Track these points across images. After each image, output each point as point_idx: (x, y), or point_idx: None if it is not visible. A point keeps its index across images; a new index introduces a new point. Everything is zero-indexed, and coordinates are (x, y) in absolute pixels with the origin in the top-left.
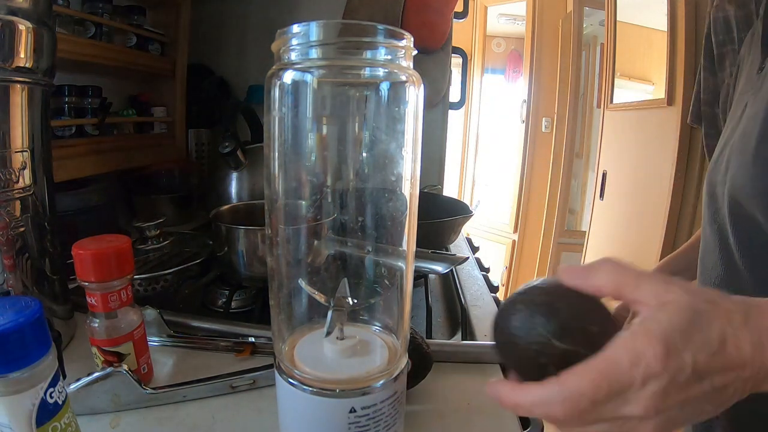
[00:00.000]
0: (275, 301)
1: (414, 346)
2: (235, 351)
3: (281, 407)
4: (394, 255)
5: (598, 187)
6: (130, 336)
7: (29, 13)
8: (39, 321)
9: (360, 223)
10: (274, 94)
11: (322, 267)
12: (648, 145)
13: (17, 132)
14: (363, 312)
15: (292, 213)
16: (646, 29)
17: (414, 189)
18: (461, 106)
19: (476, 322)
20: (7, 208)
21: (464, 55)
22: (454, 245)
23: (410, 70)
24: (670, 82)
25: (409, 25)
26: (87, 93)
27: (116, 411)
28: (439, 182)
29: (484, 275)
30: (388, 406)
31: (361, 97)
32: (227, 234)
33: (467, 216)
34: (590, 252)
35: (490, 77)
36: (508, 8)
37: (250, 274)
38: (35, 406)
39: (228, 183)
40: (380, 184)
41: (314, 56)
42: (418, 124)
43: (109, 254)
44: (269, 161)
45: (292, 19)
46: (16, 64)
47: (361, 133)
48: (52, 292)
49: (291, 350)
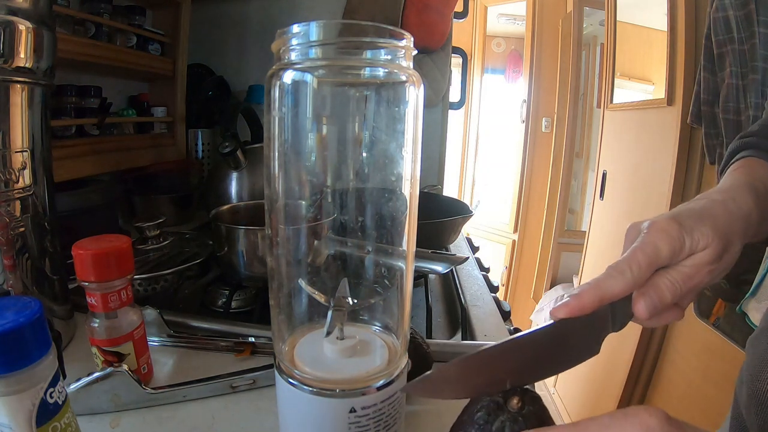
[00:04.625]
0: (275, 301)
1: (414, 346)
2: (235, 351)
3: (281, 407)
4: (394, 255)
5: (598, 187)
6: (130, 336)
7: (29, 13)
8: (39, 321)
9: (360, 223)
10: (274, 94)
11: (322, 267)
12: (648, 145)
13: (17, 132)
14: (363, 312)
15: (292, 213)
16: (646, 29)
17: (414, 189)
18: (461, 106)
19: (476, 322)
20: (7, 208)
21: (464, 55)
22: (454, 245)
23: (410, 70)
24: (670, 82)
25: (409, 25)
26: (87, 93)
27: (116, 411)
28: (439, 182)
29: (484, 275)
30: (388, 406)
31: (361, 97)
32: (227, 234)
33: (467, 216)
34: (590, 252)
35: (490, 77)
36: (508, 8)
37: (250, 274)
38: (35, 406)
39: (228, 183)
40: (380, 184)
41: (314, 56)
42: (418, 124)
43: (109, 254)
44: (269, 161)
45: (292, 19)
46: (16, 64)
47: (361, 133)
48: (52, 292)
49: (291, 350)
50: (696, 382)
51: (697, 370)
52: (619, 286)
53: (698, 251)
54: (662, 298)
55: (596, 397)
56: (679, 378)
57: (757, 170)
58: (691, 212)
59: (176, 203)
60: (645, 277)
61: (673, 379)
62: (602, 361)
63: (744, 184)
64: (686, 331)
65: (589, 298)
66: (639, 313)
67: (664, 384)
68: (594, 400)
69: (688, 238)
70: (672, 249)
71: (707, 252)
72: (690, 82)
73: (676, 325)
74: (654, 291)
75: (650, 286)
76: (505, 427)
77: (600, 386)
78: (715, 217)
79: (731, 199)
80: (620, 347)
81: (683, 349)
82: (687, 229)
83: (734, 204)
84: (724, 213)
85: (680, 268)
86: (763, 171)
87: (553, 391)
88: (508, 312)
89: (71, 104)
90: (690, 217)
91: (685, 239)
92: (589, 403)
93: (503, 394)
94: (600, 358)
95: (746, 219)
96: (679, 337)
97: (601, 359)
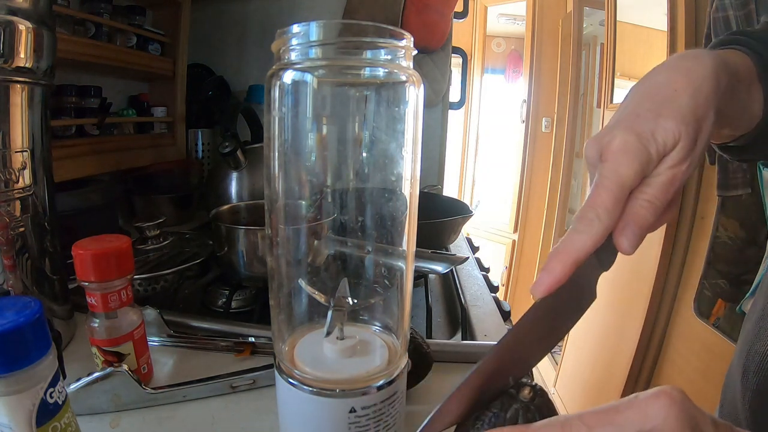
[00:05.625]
0: (275, 301)
1: (414, 346)
2: (235, 351)
3: (281, 407)
4: (394, 255)
5: None
6: (130, 336)
7: (29, 13)
8: (39, 321)
9: (360, 223)
10: (274, 94)
11: (322, 267)
12: None
13: (17, 132)
14: (363, 312)
15: (292, 213)
16: (646, 29)
17: (414, 189)
18: (461, 106)
19: (476, 322)
20: (7, 208)
21: (464, 55)
22: (454, 245)
23: (410, 70)
24: None
25: (409, 25)
26: (87, 93)
27: (116, 411)
28: (439, 182)
29: (484, 275)
30: (388, 406)
31: (361, 97)
32: (227, 234)
33: (467, 216)
34: None
35: (490, 77)
36: (508, 8)
37: (250, 274)
38: (35, 406)
39: (228, 183)
40: (380, 184)
41: (314, 56)
42: (418, 124)
43: (109, 254)
44: (269, 161)
45: (292, 19)
46: (16, 64)
47: (361, 133)
48: (52, 292)
49: (291, 350)
50: (696, 382)
51: (697, 370)
52: (590, 240)
53: (668, 152)
54: (644, 223)
55: (596, 397)
56: (679, 378)
57: (732, 56)
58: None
59: (176, 203)
60: (616, 216)
61: (673, 379)
62: (602, 361)
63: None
64: (686, 331)
65: (560, 268)
66: (624, 250)
67: (664, 384)
68: (594, 400)
69: (652, 146)
70: (639, 168)
71: (678, 148)
72: None
73: (676, 325)
74: (633, 219)
75: (628, 215)
76: (519, 416)
77: (600, 386)
78: (675, 98)
79: (692, 58)
80: (620, 347)
81: (683, 349)
82: (647, 136)
83: (696, 63)
84: (686, 83)
85: (655, 179)
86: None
87: (553, 391)
88: (508, 312)
89: (71, 104)
90: (647, 114)
91: (649, 148)
92: (589, 403)
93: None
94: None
95: (714, 76)
96: (679, 337)
97: (601, 359)
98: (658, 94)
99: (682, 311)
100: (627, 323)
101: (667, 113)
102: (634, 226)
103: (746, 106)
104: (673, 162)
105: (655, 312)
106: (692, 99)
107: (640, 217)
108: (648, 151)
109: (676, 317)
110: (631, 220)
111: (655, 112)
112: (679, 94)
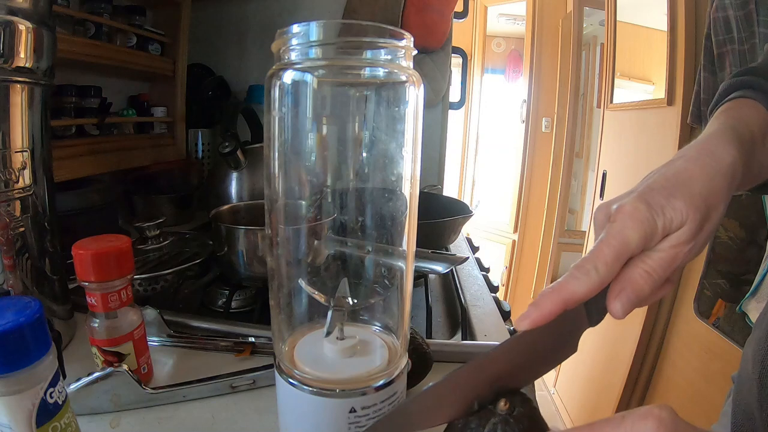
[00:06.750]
0: (275, 301)
1: (414, 346)
2: (235, 351)
3: (281, 407)
4: (394, 255)
5: (598, 187)
6: (130, 336)
7: (29, 13)
8: (39, 321)
9: (360, 223)
10: (274, 94)
11: (322, 267)
12: (648, 145)
13: (17, 132)
14: (363, 312)
15: (292, 213)
16: (646, 29)
17: (414, 189)
18: (461, 106)
19: (476, 322)
20: (7, 208)
21: (464, 55)
22: (454, 245)
23: (410, 70)
24: (670, 82)
25: (409, 25)
26: (87, 93)
27: (116, 411)
28: (439, 182)
29: (484, 275)
30: (389, 406)
31: (361, 97)
32: (227, 234)
33: (467, 216)
34: None
35: (490, 77)
36: (508, 8)
37: (250, 274)
38: (35, 406)
39: (228, 183)
40: (380, 184)
41: (314, 56)
42: (418, 124)
43: (109, 254)
44: (269, 161)
45: (292, 19)
46: (16, 64)
47: (361, 133)
48: (52, 292)
49: (291, 350)
50: (696, 382)
51: (697, 370)
52: (584, 287)
53: (674, 231)
54: (640, 292)
55: (596, 397)
56: (679, 378)
57: (746, 112)
58: (662, 183)
59: (176, 203)
60: (613, 273)
61: (673, 379)
62: (602, 361)
63: (727, 130)
64: (686, 331)
65: (549, 306)
66: (615, 313)
67: (664, 384)
68: (594, 400)
69: (659, 219)
70: (643, 235)
71: (684, 230)
72: (690, 82)
73: (676, 325)
74: (630, 285)
75: (625, 281)
76: (497, 430)
77: (600, 386)
78: (689, 183)
79: (709, 153)
80: (620, 347)
81: (683, 349)
82: (657, 209)
83: (713, 159)
84: (701, 175)
85: (657, 253)
86: (752, 113)
87: (553, 391)
88: (508, 312)
89: (71, 104)
90: (661, 191)
91: (657, 221)
92: (589, 403)
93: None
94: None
95: (729, 173)
96: (679, 337)
97: (601, 359)
98: (674, 177)
99: (682, 311)
100: (627, 323)
101: (680, 195)
102: (630, 292)
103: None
104: (678, 241)
105: (655, 312)
106: (705, 188)
107: (637, 285)
108: (655, 222)
109: (676, 317)
110: (628, 285)
111: (669, 191)
112: (694, 181)
